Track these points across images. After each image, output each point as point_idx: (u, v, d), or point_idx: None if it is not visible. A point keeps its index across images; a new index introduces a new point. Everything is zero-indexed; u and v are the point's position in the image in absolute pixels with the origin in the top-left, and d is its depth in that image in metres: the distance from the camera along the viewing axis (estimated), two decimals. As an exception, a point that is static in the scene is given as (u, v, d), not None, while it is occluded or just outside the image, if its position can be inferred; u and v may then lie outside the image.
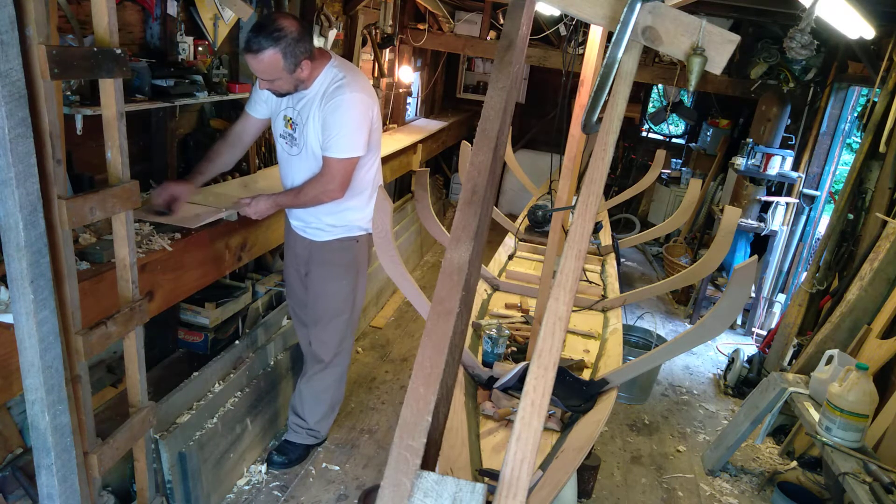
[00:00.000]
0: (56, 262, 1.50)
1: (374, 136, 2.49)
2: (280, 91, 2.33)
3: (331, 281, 2.61)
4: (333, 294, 2.63)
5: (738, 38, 1.21)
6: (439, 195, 6.83)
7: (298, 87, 2.34)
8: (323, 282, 2.61)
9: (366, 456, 2.94)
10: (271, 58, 2.17)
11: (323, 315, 2.66)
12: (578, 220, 1.20)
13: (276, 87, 2.31)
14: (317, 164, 2.43)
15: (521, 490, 1.00)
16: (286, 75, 2.25)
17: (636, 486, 3.04)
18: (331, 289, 2.62)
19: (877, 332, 3.09)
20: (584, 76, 2.27)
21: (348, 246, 2.59)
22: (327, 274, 2.61)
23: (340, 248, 2.58)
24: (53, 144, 1.44)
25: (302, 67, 2.26)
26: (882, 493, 2.28)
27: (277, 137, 2.52)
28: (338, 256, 2.59)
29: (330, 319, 2.67)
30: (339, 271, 2.61)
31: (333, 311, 2.66)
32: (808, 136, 5.01)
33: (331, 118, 2.31)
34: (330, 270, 2.60)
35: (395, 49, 5.33)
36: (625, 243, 4.23)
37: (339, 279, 2.62)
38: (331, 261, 2.59)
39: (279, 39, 2.16)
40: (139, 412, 1.89)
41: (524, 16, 1.40)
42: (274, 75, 2.23)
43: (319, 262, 2.60)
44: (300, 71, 2.26)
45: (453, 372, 1.30)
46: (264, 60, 2.18)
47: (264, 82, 2.28)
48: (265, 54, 2.16)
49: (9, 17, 1.28)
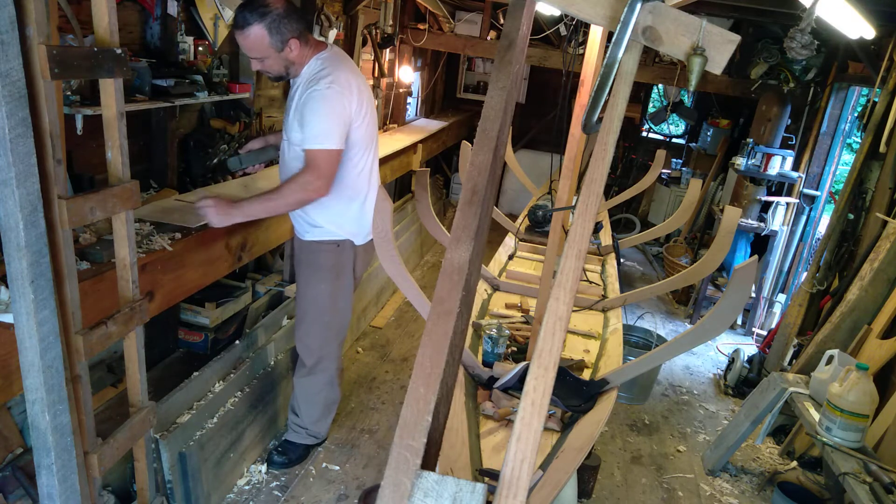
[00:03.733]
0: (56, 262, 1.50)
1: (358, 132, 2.40)
2: (271, 72, 2.33)
3: (310, 283, 2.58)
4: (312, 296, 2.59)
5: (738, 38, 1.20)
6: (439, 195, 6.84)
7: (290, 69, 2.33)
8: (303, 282, 2.60)
9: (366, 456, 2.94)
10: (257, 34, 2.18)
11: (303, 316, 2.63)
12: (578, 220, 1.20)
13: (266, 67, 2.31)
14: (296, 161, 2.37)
15: (521, 490, 1.00)
16: (274, 54, 2.25)
17: (636, 486, 3.04)
18: (310, 291, 2.59)
19: (877, 332, 3.09)
20: (585, 76, 2.27)
21: (329, 249, 2.54)
22: (308, 275, 2.58)
23: (321, 250, 2.54)
24: (54, 144, 1.44)
25: (290, 47, 2.25)
26: (882, 493, 2.28)
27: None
28: (319, 258, 2.55)
29: (310, 322, 2.63)
30: (318, 274, 2.56)
31: (312, 313, 2.61)
32: (809, 136, 5.01)
33: (306, 110, 2.27)
34: (310, 272, 2.57)
35: (395, 49, 5.33)
36: (625, 243, 4.23)
37: (318, 282, 2.57)
38: (312, 262, 2.56)
39: (265, 15, 2.17)
40: (139, 412, 1.89)
41: (524, 16, 1.40)
42: (261, 53, 2.23)
43: (302, 262, 2.59)
44: (289, 51, 2.26)
45: (453, 372, 1.30)
46: (250, 36, 2.19)
47: (255, 62, 2.29)
48: (251, 30, 2.17)
49: (9, 17, 1.28)
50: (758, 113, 5.19)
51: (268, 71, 2.33)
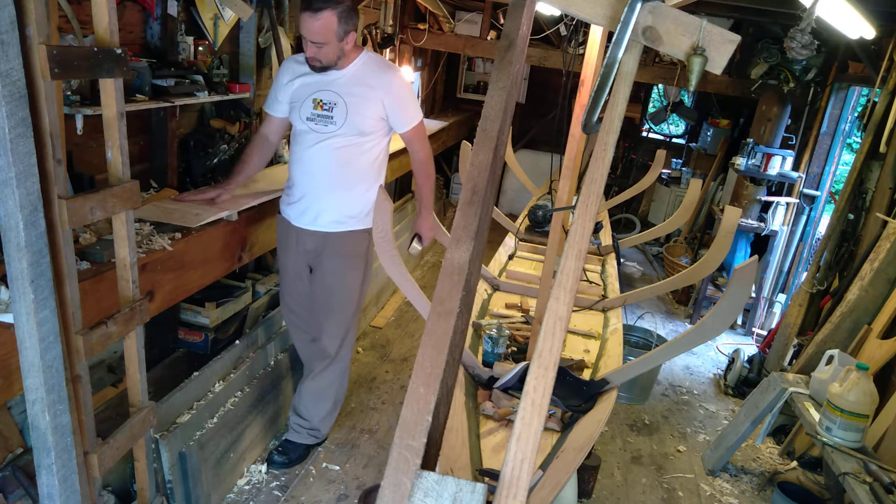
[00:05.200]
0: (56, 262, 1.50)
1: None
2: (322, 61, 2.40)
3: (345, 272, 2.64)
4: (346, 285, 2.66)
5: (738, 38, 1.20)
6: (439, 195, 6.83)
7: (338, 61, 2.43)
8: (336, 273, 2.64)
9: (366, 456, 2.94)
10: (328, 18, 2.29)
11: (335, 307, 2.68)
12: (579, 220, 1.20)
13: (321, 55, 2.38)
14: (354, 143, 2.50)
15: (521, 490, 1.00)
16: (335, 42, 2.36)
17: (636, 486, 3.04)
18: (344, 280, 2.65)
19: (877, 333, 3.09)
20: (585, 76, 2.27)
21: (362, 237, 2.63)
22: (341, 265, 2.63)
23: (355, 239, 2.62)
24: (54, 144, 1.44)
25: (347, 40, 2.38)
26: (882, 493, 2.28)
27: (303, 122, 2.50)
28: (352, 247, 2.63)
29: (340, 312, 2.69)
30: (352, 262, 2.65)
31: (345, 302, 2.69)
32: (809, 136, 5.01)
33: (402, 95, 2.51)
34: (344, 261, 2.63)
35: (395, 49, 5.33)
36: (625, 243, 4.23)
37: (352, 270, 2.66)
38: (345, 252, 2.62)
39: (339, 4, 2.31)
40: (139, 412, 1.89)
41: (524, 16, 1.40)
42: (326, 38, 2.33)
43: (333, 254, 2.62)
44: (346, 43, 2.39)
45: (453, 372, 1.30)
46: (322, 19, 2.29)
47: (313, 46, 2.36)
48: (324, 13, 2.29)
49: (9, 17, 1.28)
50: (758, 113, 5.18)
51: (320, 59, 2.40)
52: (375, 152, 2.57)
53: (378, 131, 2.53)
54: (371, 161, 2.57)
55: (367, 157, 2.55)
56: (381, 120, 2.51)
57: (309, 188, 2.55)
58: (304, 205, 2.57)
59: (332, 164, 2.51)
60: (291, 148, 2.60)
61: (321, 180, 2.52)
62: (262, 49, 3.15)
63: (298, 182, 2.57)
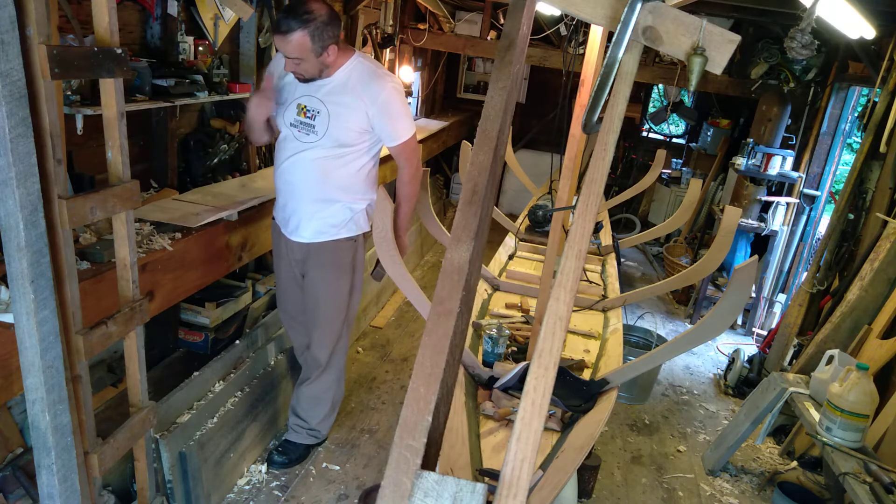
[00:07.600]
0: (56, 262, 1.50)
1: None
2: (304, 74, 2.35)
3: (330, 283, 2.59)
4: (332, 296, 2.61)
5: (738, 38, 1.20)
6: (439, 195, 6.83)
7: (322, 72, 2.37)
8: (321, 284, 2.59)
9: (366, 456, 2.94)
10: (299, 39, 2.21)
11: (323, 318, 2.64)
12: (579, 220, 1.20)
13: (301, 70, 2.33)
14: (333, 154, 2.41)
15: (521, 490, 1.00)
16: (312, 58, 2.28)
17: (636, 486, 3.04)
18: (330, 291, 2.60)
19: (877, 332, 3.09)
20: (585, 76, 2.27)
21: (346, 246, 2.57)
22: (326, 276, 2.58)
23: (339, 249, 2.56)
24: (54, 144, 1.44)
25: (328, 53, 2.30)
26: (882, 493, 2.28)
27: (286, 126, 2.46)
28: (337, 257, 2.57)
29: (329, 321, 2.65)
30: (338, 272, 2.59)
31: (333, 312, 2.64)
32: (809, 136, 5.01)
33: (391, 107, 2.40)
34: (329, 272, 2.58)
35: (395, 49, 5.33)
36: (625, 243, 4.23)
37: (337, 280, 2.60)
38: (330, 262, 2.57)
39: (308, 22, 2.20)
40: (139, 412, 1.89)
41: (524, 16, 1.40)
42: (302, 55, 2.27)
43: (317, 265, 2.57)
44: (326, 56, 2.30)
45: (453, 372, 1.30)
46: (292, 42, 2.21)
47: (290, 63, 2.31)
48: (294, 36, 2.20)
49: (9, 17, 1.28)
50: (758, 113, 5.18)
51: (301, 73, 2.35)
52: (358, 164, 2.47)
53: (361, 143, 2.44)
54: (353, 173, 2.47)
55: (348, 169, 2.45)
56: (364, 132, 2.42)
57: (290, 197, 2.50)
58: (288, 213, 2.54)
59: (311, 176, 2.44)
60: (275, 154, 2.54)
61: (301, 191, 2.46)
62: (262, 49, 3.15)
63: (281, 190, 2.53)
